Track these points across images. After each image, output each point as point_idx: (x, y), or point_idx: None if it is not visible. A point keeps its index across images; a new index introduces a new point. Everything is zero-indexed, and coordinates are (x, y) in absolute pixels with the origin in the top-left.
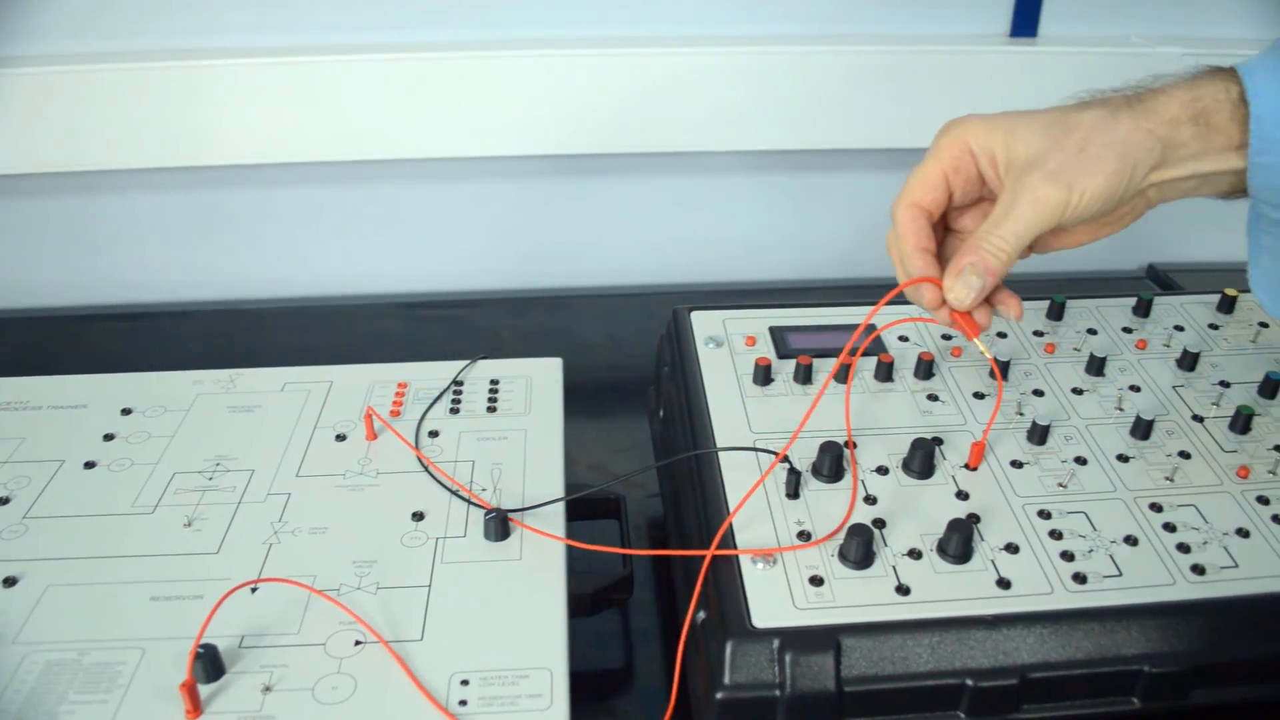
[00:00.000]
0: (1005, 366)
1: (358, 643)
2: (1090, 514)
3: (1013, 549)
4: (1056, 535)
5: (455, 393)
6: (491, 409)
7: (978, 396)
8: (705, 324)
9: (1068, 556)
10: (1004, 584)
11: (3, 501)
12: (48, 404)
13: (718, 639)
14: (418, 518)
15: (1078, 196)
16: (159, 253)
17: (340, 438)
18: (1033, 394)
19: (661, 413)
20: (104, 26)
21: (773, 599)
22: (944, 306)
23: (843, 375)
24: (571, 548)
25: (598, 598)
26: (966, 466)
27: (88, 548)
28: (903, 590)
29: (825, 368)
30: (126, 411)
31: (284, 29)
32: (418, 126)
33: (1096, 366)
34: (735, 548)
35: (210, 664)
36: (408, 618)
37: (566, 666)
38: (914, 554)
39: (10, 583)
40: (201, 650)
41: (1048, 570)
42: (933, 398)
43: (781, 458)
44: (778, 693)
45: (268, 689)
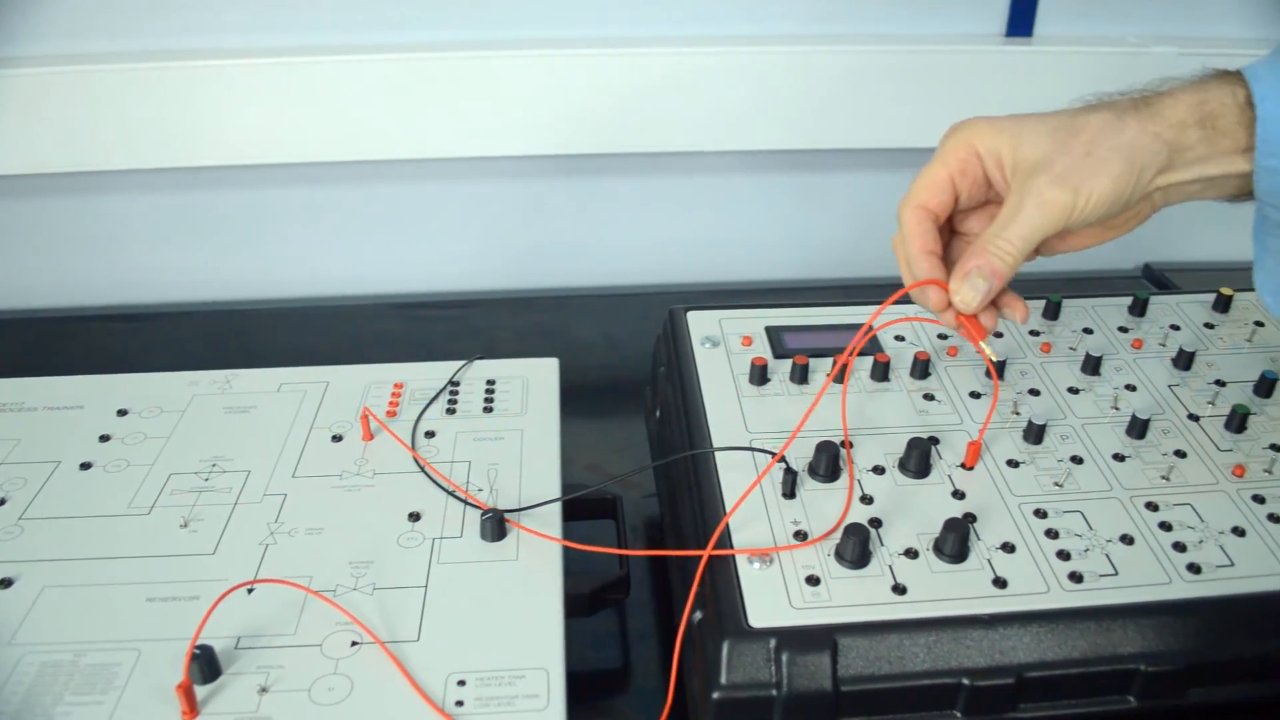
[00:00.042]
0: (1001, 366)
1: (354, 643)
2: (1086, 513)
3: (1009, 548)
4: (1053, 534)
5: (452, 393)
6: (488, 409)
7: (974, 396)
8: (701, 324)
9: (1064, 555)
10: (1000, 583)
11: None
12: (43, 405)
13: (714, 639)
14: (414, 518)
15: (1084, 199)
16: (156, 253)
17: (336, 438)
18: (1029, 393)
19: (658, 413)
20: (102, 27)
21: (769, 599)
22: (949, 309)
23: (839, 375)
24: (568, 548)
25: (594, 598)
26: (963, 466)
27: (84, 549)
28: (899, 590)
29: (821, 367)
30: (122, 412)
31: (282, 29)
32: (416, 126)
33: (1092, 366)
34: (732, 547)
35: (206, 665)
36: (404, 618)
37: (563, 667)
38: (910, 553)
39: (6, 584)
40: (198, 651)
41: (1044, 569)
42: (929, 397)
43: (779, 458)
44: (774, 692)
45: (264, 690)
